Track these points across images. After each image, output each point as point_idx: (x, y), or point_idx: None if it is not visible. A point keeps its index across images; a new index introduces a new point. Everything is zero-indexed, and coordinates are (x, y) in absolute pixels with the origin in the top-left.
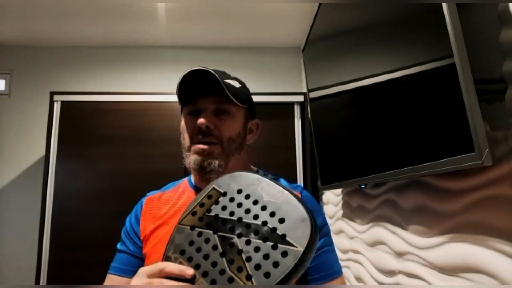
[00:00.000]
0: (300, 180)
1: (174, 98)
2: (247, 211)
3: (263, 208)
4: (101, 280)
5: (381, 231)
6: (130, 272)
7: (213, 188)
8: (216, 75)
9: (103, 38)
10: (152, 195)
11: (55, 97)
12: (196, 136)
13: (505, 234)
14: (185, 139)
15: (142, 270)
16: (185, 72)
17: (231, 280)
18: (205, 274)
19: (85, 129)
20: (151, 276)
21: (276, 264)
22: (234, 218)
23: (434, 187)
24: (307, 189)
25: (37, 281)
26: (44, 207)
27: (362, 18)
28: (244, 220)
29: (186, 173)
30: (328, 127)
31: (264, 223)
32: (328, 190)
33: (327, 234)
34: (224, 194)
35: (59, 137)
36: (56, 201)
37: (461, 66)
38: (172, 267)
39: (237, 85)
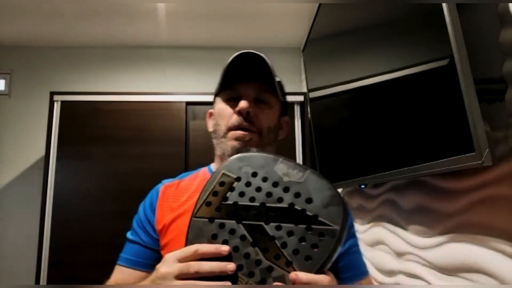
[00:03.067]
0: None
1: (174, 98)
2: (268, 194)
3: (286, 189)
4: (101, 280)
5: (381, 231)
6: (143, 265)
7: (224, 173)
8: (267, 60)
9: (103, 38)
10: (169, 182)
11: (55, 97)
12: (236, 121)
13: (505, 234)
14: (221, 125)
15: (171, 256)
16: (235, 54)
17: (270, 269)
18: (240, 268)
19: (85, 129)
20: (183, 260)
21: (314, 246)
22: (256, 203)
23: (434, 187)
24: None
25: (37, 281)
26: (44, 207)
27: (362, 18)
28: (267, 204)
29: None
30: (328, 127)
31: (291, 205)
32: None
33: (354, 235)
34: (238, 179)
35: (59, 137)
36: (56, 201)
37: (461, 66)
38: (207, 246)
39: (277, 78)
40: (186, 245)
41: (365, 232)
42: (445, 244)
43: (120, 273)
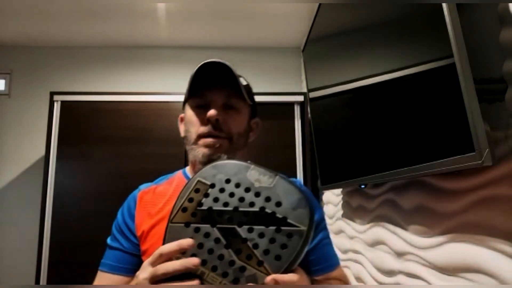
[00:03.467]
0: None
1: (174, 98)
2: (241, 199)
3: (257, 194)
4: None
5: (381, 231)
6: (124, 270)
7: (198, 180)
8: (232, 68)
9: (104, 38)
10: (146, 188)
11: (55, 97)
12: (205, 129)
13: (505, 234)
14: (191, 132)
15: (145, 263)
16: (201, 63)
17: (243, 269)
18: (214, 269)
19: (85, 129)
20: (154, 263)
21: (284, 246)
22: (230, 208)
23: (434, 187)
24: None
25: (37, 281)
26: (44, 207)
27: (362, 18)
28: (240, 209)
29: None
30: (328, 127)
31: (262, 208)
32: (328, 190)
33: (325, 227)
34: (212, 185)
35: (59, 137)
36: (56, 201)
37: (461, 66)
38: (169, 246)
39: (244, 82)
40: None
41: (365, 232)
42: (445, 244)
43: (103, 279)
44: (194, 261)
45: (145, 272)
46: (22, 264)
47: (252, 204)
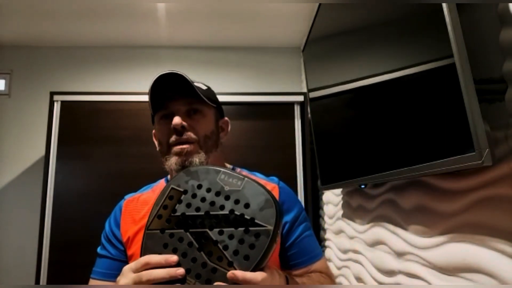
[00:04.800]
0: (300, 180)
1: None
2: (212, 203)
3: (227, 197)
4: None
5: (381, 231)
6: (114, 276)
7: (172, 188)
8: (185, 76)
9: (103, 38)
10: (131, 197)
11: (55, 97)
12: (173, 138)
13: (505, 234)
14: (162, 143)
15: (127, 267)
16: (156, 77)
17: (214, 270)
18: (188, 271)
19: (85, 129)
20: (136, 271)
21: (252, 246)
22: (201, 212)
23: (434, 187)
24: (307, 189)
25: (37, 281)
26: (44, 207)
27: (362, 18)
28: (211, 212)
29: None
30: (328, 127)
31: (231, 211)
32: (328, 190)
33: (306, 219)
34: (185, 192)
35: (59, 137)
36: (56, 201)
37: (461, 66)
38: (156, 258)
39: (203, 87)
40: (141, 255)
41: (365, 232)
42: (445, 244)
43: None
44: (181, 271)
45: (126, 277)
46: (22, 264)
47: (222, 207)
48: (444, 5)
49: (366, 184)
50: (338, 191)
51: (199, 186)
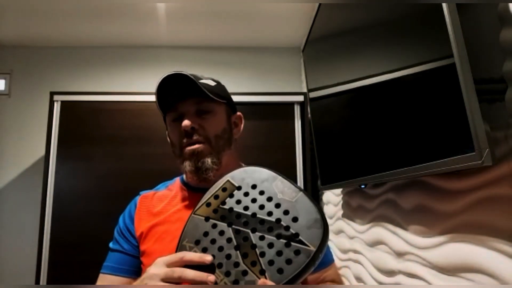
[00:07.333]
0: (300, 180)
1: None
2: (261, 207)
3: (277, 205)
4: None
5: (381, 231)
6: (125, 271)
7: (228, 180)
8: (191, 76)
9: (103, 38)
10: (146, 193)
11: (55, 97)
12: (184, 140)
13: (505, 234)
14: (175, 145)
15: (160, 260)
16: (161, 79)
17: (245, 273)
18: (219, 266)
19: (85, 129)
20: (170, 265)
21: (289, 262)
22: (248, 213)
23: (434, 187)
24: (307, 189)
25: (37, 281)
26: (44, 207)
27: (362, 18)
28: (258, 215)
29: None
30: (328, 127)
31: (278, 220)
32: (328, 190)
33: None
34: (239, 188)
35: (59, 137)
36: (56, 201)
37: (461, 66)
38: (191, 255)
39: (212, 83)
40: (180, 238)
41: (365, 232)
42: (445, 244)
43: (104, 281)
44: (212, 278)
45: (157, 268)
46: (22, 264)
47: (270, 214)
48: (444, 5)
49: (366, 184)
50: (338, 191)
51: (254, 186)
